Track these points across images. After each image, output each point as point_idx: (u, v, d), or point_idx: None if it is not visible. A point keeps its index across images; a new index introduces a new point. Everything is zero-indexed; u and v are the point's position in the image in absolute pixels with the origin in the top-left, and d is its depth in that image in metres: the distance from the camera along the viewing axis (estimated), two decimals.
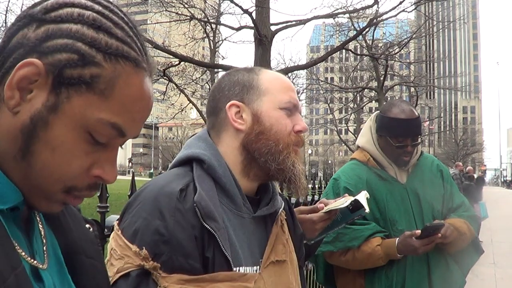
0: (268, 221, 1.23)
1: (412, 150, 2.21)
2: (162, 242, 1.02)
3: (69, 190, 0.65)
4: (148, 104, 0.69)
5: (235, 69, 1.28)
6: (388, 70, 19.77)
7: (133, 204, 1.09)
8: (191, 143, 1.23)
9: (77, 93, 0.63)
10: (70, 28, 0.63)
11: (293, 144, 1.20)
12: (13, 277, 0.58)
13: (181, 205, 1.06)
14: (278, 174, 1.18)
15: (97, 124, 0.64)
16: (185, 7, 13.49)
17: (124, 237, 1.04)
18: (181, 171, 1.16)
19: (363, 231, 2.15)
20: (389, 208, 2.18)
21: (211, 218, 1.07)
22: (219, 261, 1.05)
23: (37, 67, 0.61)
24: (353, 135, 32.33)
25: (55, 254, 0.72)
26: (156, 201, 1.06)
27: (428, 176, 2.30)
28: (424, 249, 2.06)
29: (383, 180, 2.24)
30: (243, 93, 1.20)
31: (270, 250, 1.19)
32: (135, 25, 0.69)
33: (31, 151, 0.62)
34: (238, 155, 1.19)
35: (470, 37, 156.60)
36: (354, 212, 1.49)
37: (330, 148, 67.14)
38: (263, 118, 1.18)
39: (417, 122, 2.21)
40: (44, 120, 0.62)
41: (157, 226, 1.03)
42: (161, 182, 1.11)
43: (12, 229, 0.64)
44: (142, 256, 1.00)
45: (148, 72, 0.69)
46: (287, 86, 1.24)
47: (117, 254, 1.03)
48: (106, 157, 0.67)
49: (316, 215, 1.47)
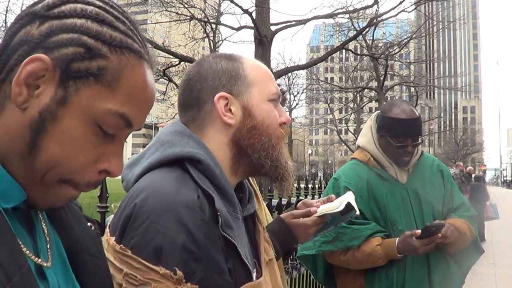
0: (248, 220, 1.18)
1: (412, 150, 2.22)
2: (193, 259, 0.92)
3: (67, 181, 0.66)
4: (151, 95, 0.70)
5: (213, 56, 1.16)
6: (388, 70, 19.79)
7: (139, 218, 0.94)
8: (172, 140, 1.09)
9: (85, 85, 0.64)
10: (75, 22, 0.64)
11: (282, 137, 1.14)
12: (18, 275, 0.58)
13: (204, 216, 0.95)
14: (271, 171, 1.11)
15: (105, 115, 0.65)
16: (185, 7, 13.51)
17: (140, 258, 0.91)
18: (174, 173, 1.03)
19: (363, 230, 2.15)
20: (389, 208, 2.19)
21: (229, 226, 0.99)
22: (240, 271, 1.00)
23: (45, 62, 0.62)
24: (353, 135, 32.32)
25: (59, 253, 0.72)
26: (174, 213, 0.93)
27: (429, 176, 2.30)
28: (424, 249, 2.06)
29: (384, 180, 2.24)
30: (230, 83, 1.09)
31: (263, 250, 1.15)
32: (133, 20, 0.71)
33: (39, 145, 0.63)
34: (228, 151, 1.10)
35: (470, 37, 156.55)
36: (344, 214, 1.47)
37: (330, 148, 67.05)
38: (254, 112, 1.09)
39: (417, 122, 2.21)
40: (53, 113, 0.63)
41: (183, 242, 0.91)
42: (165, 189, 0.97)
43: (17, 227, 0.64)
44: (176, 278, 0.89)
45: (150, 64, 0.71)
46: (269, 75, 1.16)
47: (138, 280, 0.90)
48: (112, 149, 0.68)
49: (310, 219, 1.39)
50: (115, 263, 0.93)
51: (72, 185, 0.66)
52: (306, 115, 69.74)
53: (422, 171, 2.30)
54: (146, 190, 0.98)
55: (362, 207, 2.10)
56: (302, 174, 39.28)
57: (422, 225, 2.12)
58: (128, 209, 0.97)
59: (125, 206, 0.99)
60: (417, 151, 2.31)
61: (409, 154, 2.21)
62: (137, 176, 1.08)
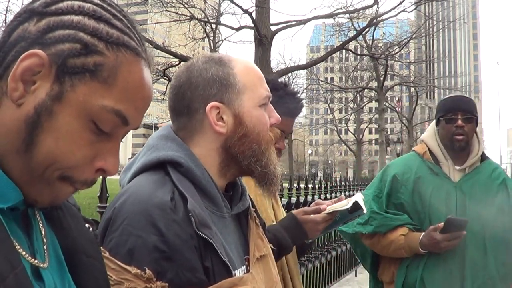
0: (242, 217, 1.20)
1: (462, 125, 2.17)
2: (164, 259, 0.95)
3: (66, 178, 0.66)
4: (149, 93, 0.70)
5: (202, 59, 1.15)
6: (388, 70, 19.82)
7: (117, 221, 0.98)
8: (157, 144, 1.12)
9: (81, 81, 0.64)
10: (72, 19, 0.64)
11: (272, 141, 1.15)
12: (12, 276, 0.58)
13: (176, 216, 0.98)
14: (261, 176, 1.14)
15: (101, 112, 0.65)
16: (185, 7, 13.51)
17: (116, 259, 0.94)
18: (156, 176, 1.06)
19: (393, 220, 2.21)
20: (432, 203, 2.18)
21: (205, 225, 1.01)
22: (219, 268, 1.02)
23: (41, 57, 0.62)
24: (353, 135, 32.35)
25: (56, 253, 0.72)
26: (146, 214, 0.97)
27: (485, 181, 2.23)
28: (446, 244, 2.05)
29: (434, 174, 2.23)
30: (221, 92, 1.10)
31: (253, 247, 1.16)
32: (131, 19, 0.71)
33: (35, 141, 0.62)
34: (216, 156, 1.12)
35: (470, 37, 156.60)
36: (352, 213, 1.54)
37: (330, 148, 67.08)
38: (245, 119, 1.10)
39: (467, 100, 2.26)
40: (49, 109, 0.63)
41: (154, 242, 0.95)
42: (142, 192, 1.01)
43: (13, 228, 0.64)
44: (146, 278, 0.93)
45: (147, 62, 0.70)
46: (260, 76, 1.16)
47: (113, 280, 0.93)
48: (108, 148, 0.68)
49: (319, 216, 1.49)
50: None
51: (71, 183, 0.66)
52: (306, 115, 69.85)
53: (479, 175, 2.24)
54: (125, 194, 1.03)
55: (405, 198, 2.21)
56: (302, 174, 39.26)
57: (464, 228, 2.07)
58: (109, 212, 1.02)
59: (108, 209, 1.04)
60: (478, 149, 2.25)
61: (460, 131, 2.17)
62: (128, 180, 1.12)
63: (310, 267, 4.01)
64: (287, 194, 3.64)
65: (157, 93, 16.56)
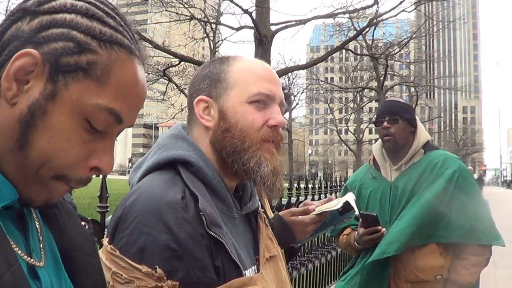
0: (251, 217, 1.20)
1: (388, 127, 2.31)
2: (175, 257, 0.95)
3: (61, 177, 0.65)
4: (142, 91, 0.70)
5: (211, 60, 1.20)
6: (388, 70, 19.79)
7: (127, 219, 0.98)
8: (168, 143, 1.13)
9: (75, 80, 0.64)
10: (65, 17, 0.64)
11: (262, 141, 1.10)
12: (8, 274, 0.58)
13: (187, 215, 0.98)
14: (244, 175, 1.10)
15: (94, 110, 0.64)
16: (185, 7, 13.48)
17: (126, 258, 0.95)
18: (166, 175, 1.06)
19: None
20: (368, 205, 2.40)
21: (216, 224, 1.01)
22: (229, 268, 1.01)
23: (34, 56, 0.62)
24: (353, 135, 32.33)
25: (52, 252, 0.72)
26: (157, 213, 0.97)
27: (418, 174, 2.30)
28: (366, 238, 2.25)
29: (373, 179, 2.43)
30: (210, 87, 1.13)
31: (263, 247, 1.16)
32: (125, 17, 0.71)
33: (29, 140, 0.62)
34: (211, 153, 1.12)
35: (470, 37, 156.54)
36: (343, 214, 1.48)
37: (330, 148, 67.04)
38: (228, 114, 1.10)
39: (395, 103, 2.38)
40: (42, 108, 0.62)
41: (165, 241, 0.95)
42: (153, 191, 1.01)
43: (8, 227, 0.64)
44: (157, 276, 0.93)
45: (141, 60, 0.70)
46: (262, 75, 1.13)
47: (123, 278, 0.93)
48: (103, 146, 0.68)
49: (308, 217, 1.42)
50: (106, 262, 0.97)
51: (66, 181, 0.66)
52: (306, 115, 69.76)
53: (414, 170, 2.32)
54: (136, 192, 1.03)
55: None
56: (302, 174, 39.21)
57: (396, 219, 2.27)
58: (120, 211, 1.02)
59: (118, 208, 1.03)
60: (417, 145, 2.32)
61: (387, 132, 2.32)
62: (138, 179, 1.12)
63: (303, 270, 3.97)
64: (287, 194, 3.63)
65: (157, 93, 16.57)
